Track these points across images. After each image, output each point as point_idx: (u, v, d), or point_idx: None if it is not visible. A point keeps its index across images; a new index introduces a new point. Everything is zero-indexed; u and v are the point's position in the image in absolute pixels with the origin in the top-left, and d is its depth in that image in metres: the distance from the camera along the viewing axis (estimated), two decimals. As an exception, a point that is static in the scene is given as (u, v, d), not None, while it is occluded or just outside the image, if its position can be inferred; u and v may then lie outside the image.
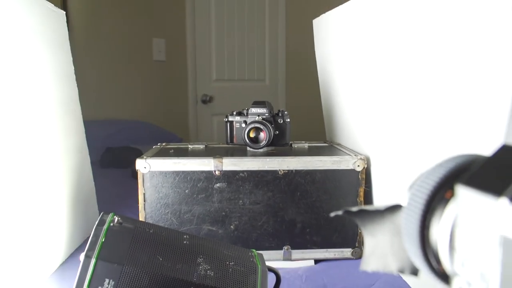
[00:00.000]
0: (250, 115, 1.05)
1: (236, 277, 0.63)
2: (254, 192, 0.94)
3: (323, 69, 1.29)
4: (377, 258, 0.30)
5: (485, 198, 0.18)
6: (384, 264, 0.30)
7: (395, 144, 0.87)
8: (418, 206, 0.24)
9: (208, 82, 2.94)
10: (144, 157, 0.94)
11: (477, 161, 0.23)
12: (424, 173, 0.25)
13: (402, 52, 0.78)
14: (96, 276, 0.57)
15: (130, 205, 1.32)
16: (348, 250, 0.98)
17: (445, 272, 0.23)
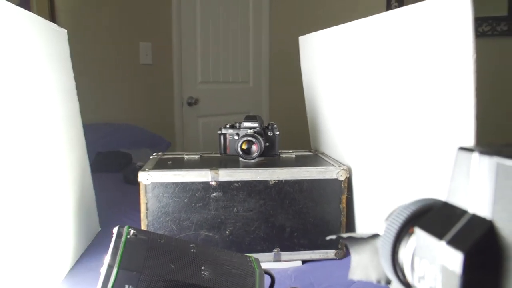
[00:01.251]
0: (242, 128, 1.14)
1: (237, 280, 0.72)
2: (247, 200, 1.03)
3: (308, 82, 1.39)
4: (360, 270, 0.40)
5: (432, 239, 0.27)
6: (366, 275, 0.40)
7: (374, 155, 0.98)
8: (390, 237, 0.34)
9: (194, 85, 3.01)
10: (146, 169, 1.02)
11: (434, 206, 0.33)
12: (395, 211, 0.35)
13: (379, 72, 0.88)
14: (117, 283, 0.65)
15: (126, 211, 1.40)
16: (332, 251, 1.08)
17: (409, 283, 0.33)
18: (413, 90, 0.76)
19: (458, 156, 0.29)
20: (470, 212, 0.27)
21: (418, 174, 0.80)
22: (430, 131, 0.73)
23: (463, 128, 0.62)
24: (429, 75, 0.70)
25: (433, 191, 0.75)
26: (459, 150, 0.29)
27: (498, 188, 0.25)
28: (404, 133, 0.82)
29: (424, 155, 0.76)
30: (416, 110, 0.76)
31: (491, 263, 0.25)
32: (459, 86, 0.61)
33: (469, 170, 0.27)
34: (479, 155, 0.27)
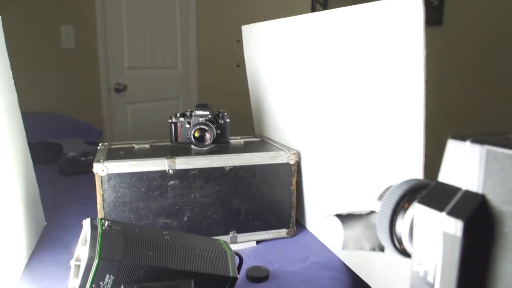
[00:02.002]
0: (194, 116, 1.16)
1: (211, 262, 0.76)
2: (204, 187, 1.07)
3: (252, 70, 1.44)
4: (353, 242, 0.46)
5: (433, 211, 0.34)
6: (360, 246, 0.46)
7: (321, 140, 1.06)
8: (387, 212, 0.40)
9: (121, 70, 2.91)
10: (101, 160, 1.01)
11: (422, 185, 0.39)
12: (389, 190, 0.41)
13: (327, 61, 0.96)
14: (98, 273, 0.66)
15: (68, 203, 1.36)
16: (284, 231, 1.15)
17: (405, 250, 0.39)
18: (360, 79, 0.84)
19: (450, 144, 0.35)
20: (463, 189, 0.34)
21: (363, 156, 0.89)
22: (376, 116, 0.81)
23: (411, 115, 0.71)
24: (376, 65, 0.79)
25: (377, 172, 0.84)
26: (450, 138, 0.35)
27: (488, 169, 0.32)
28: (351, 118, 0.90)
29: (370, 139, 0.85)
30: (362, 97, 0.85)
31: (485, 228, 0.32)
32: (407, 77, 0.70)
33: (461, 155, 0.34)
34: (471, 144, 0.33)
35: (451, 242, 0.32)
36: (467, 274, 0.32)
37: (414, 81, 0.68)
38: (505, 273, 0.31)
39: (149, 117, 3.12)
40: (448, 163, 0.36)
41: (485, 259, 0.32)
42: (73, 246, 1.05)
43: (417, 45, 0.66)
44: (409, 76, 0.69)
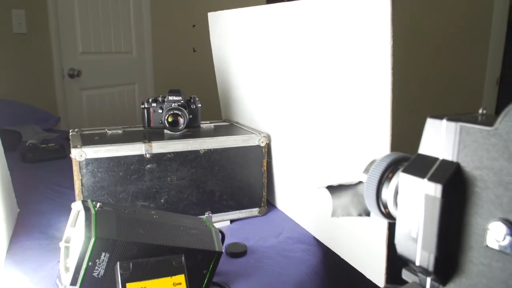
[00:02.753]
0: (167, 102, 1.19)
1: (198, 238, 0.81)
2: (180, 169, 1.11)
3: (219, 56, 1.47)
4: (341, 210, 0.53)
5: (416, 179, 0.41)
6: (347, 213, 0.53)
7: (290, 123, 1.12)
8: (374, 181, 0.47)
9: (74, 55, 2.84)
10: (78, 145, 1.02)
11: (402, 158, 0.47)
12: (375, 161, 0.48)
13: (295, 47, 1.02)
14: (95, 252, 0.69)
15: (38, 190, 1.35)
16: (256, 210, 1.22)
17: (389, 213, 0.46)
18: (329, 64, 0.91)
19: (428, 122, 0.42)
20: (441, 159, 0.41)
21: (331, 137, 0.97)
22: (344, 99, 0.89)
23: (377, 99, 0.79)
24: (344, 49, 0.86)
25: (344, 152, 0.92)
26: (429, 118, 0.42)
27: (461, 142, 0.39)
28: (319, 101, 0.97)
29: (338, 121, 0.92)
30: (331, 81, 0.92)
31: (459, 190, 0.39)
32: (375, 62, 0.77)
33: (438, 130, 0.41)
34: (447, 121, 0.41)
35: (432, 203, 0.40)
36: (445, 229, 0.40)
37: (381, 66, 0.75)
38: (476, 226, 0.38)
39: (105, 103, 3.07)
40: (427, 138, 0.43)
41: (460, 215, 0.39)
42: (49, 230, 1.07)
43: (385, 29, 0.73)
44: (376, 61, 0.77)
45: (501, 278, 0.37)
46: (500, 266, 0.37)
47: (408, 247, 0.43)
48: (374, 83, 0.79)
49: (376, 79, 0.78)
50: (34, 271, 0.89)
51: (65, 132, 2.16)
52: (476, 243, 0.39)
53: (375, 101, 0.79)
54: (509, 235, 0.36)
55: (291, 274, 0.94)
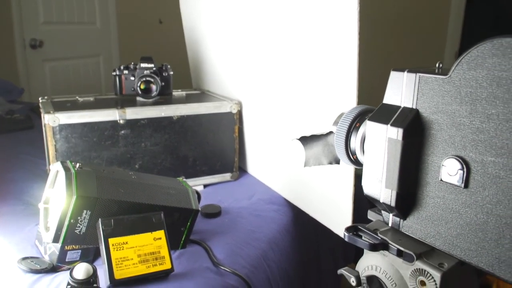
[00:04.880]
0: (139, 69, 1.19)
1: (175, 197, 0.85)
2: (153, 135, 1.13)
3: (189, 25, 1.48)
4: (313, 159, 0.58)
5: (380, 125, 0.46)
6: (319, 162, 0.58)
7: (261, 90, 1.16)
8: (343, 130, 0.51)
9: (36, 25, 2.74)
10: (51, 111, 1.02)
11: (368, 109, 0.51)
12: (344, 114, 0.52)
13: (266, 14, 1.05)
14: (76, 209, 0.72)
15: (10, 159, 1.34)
16: (228, 175, 1.26)
17: (357, 159, 0.51)
18: (297, 28, 0.95)
19: (392, 75, 0.47)
20: (402, 106, 0.46)
21: (300, 100, 1.01)
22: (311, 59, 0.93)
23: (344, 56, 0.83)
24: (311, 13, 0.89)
25: (314, 112, 0.96)
26: (392, 70, 0.47)
27: (420, 90, 0.44)
28: (288, 64, 1.01)
29: (306, 83, 0.96)
30: (300, 40, 0.95)
31: (418, 133, 0.44)
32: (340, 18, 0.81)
33: (400, 81, 0.46)
34: (407, 73, 0.45)
35: (394, 145, 0.45)
36: (406, 168, 0.45)
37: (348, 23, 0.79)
38: (432, 164, 0.44)
39: (69, 75, 3.00)
40: (390, 88, 0.47)
41: (418, 155, 0.45)
42: (23, 197, 1.08)
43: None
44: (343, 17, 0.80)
45: (453, 208, 0.43)
46: (453, 198, 0.42)
47: (374, 187, 0.48)
48: (341, 40, 0.82)
49: (344, 36, 0.82)
50: (12, 234, 0.90)
51: (29, 104, 2.11)
52: (432, 178, 0.44)
53: (342, 58, 0.84)
54: (461, 169, 0.41)
55: (264, 231, 0.99)
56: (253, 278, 0.84)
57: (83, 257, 0.80)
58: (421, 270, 0.44)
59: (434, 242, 0.45)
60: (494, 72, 0.38)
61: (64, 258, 0.79)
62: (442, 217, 0.44)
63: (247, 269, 0.84)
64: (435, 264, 0.44)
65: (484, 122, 0.39)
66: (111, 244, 0.72)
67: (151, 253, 0.75)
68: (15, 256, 0.80)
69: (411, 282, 0.45)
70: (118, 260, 0.71)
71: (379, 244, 0.47)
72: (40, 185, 0.85)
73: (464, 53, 0.41)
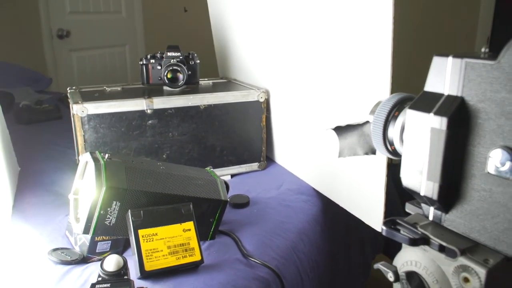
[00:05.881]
0: (165, 58, 1.19)
1: (204, 188, 0.84)
2: (181, 125, 1.12)
3: (216, 12, 1.46)
4: (348, 150, 0.56)
5: (422, 114, 0.43)
6: (354, 152, 0.55)
7: (289, 79, 1.13)
8: (381, 119, 0.49)
9: (62, 15, 2.77)
10: (79, 101, 1.03)
11: (407, 97, 0.49)
12: (381, 102, 0.50)
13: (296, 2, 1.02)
14: (106, 200, 0.72)
15: (39, 149, 1.36)
16: (256, 164, 1.25)
17: (395, 150, 0.49)
18: (331, 15, 0.91)
19: (435, 60, 0.44)
20: (446, 94, 0.43)
21: (329, 89, 0.98)
22: (343, 46, 0.90)
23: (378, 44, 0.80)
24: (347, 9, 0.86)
25: (344, 101, 0.94)
26: (435, 56, 0.44)
27: (466, 77, 0.41)
28: (318, 52, 0.98)
29: (336, 71, 0.93)
30: (330, 27, 0.92)
31: (463, 122, 0.41)
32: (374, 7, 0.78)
33: (444, 68, 0.43)
34: (453, 58, 0.42)
35: (437, 135, 0.42)
36: (450, 159, 0.42)
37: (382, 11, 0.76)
38: (478, 155, 0.41)
39: (95, 65, 3.03)
40: (433, 75, 0.45)
41: (463, 146, 0.42)
42: (53, 187, 1.09)
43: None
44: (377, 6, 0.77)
45: (501, 201, 0.40)
46: (501, 191, 0.40)
47: (414, 179, 0.45)
48: (375, 26, 0.79)
49: (377, 21, 0.78)
50: (43, 225, 0.92)
51: (57, 94, 2.14)
52: (478, 170, 0.41)
53: (375, 44, 0.80)
54: (510, 160, 0.38)
55: (293, 222, 0.97)
56: (283, 269, 0.82)
57: (113, 248, 0.81)
58: (465, 266, 0.42)
59: (478, 237, 0.43)
60: (549, 57, 0.35)
61: (95, 249, 0.79)
62: (489, 211, 0.42)
63: (277, 261, 0.83)
64: (479, 260, 0.41)
65: (538, 111, 0.36)
66: (141, 235, 0.72)
67: (181, 244, 0.74)
68: (46, 247, 0.81)
69: (453, 279, 0.43)
70: (148, 251, 0.71)
71: (419, 239, 0.45)
72: (70, 176, 0.86)
73: (516, 37, 0.38)
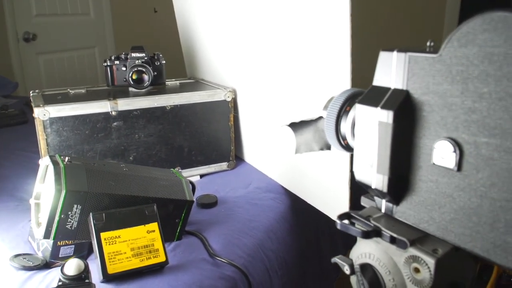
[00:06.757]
0: (130, 59, 1.17)
1: (168, 189, 0.83)
2: (147, 126, 1.11)
3: (181, 13, 1.45)
4: (304, 146, 0.56)
5: (370, 108, 0.44)
6: (310, 148, 0.56)
7: (255, 78, 1.14)
8: (333, 115, 0.50)
9: (29, 18, 2.71)
10: (40, 105, 1.01)
11: (359, 92, 0.49)
12: (333, 98, 0.51)
13: (261, 6, 1.02)
14: (66, 204, 0.70)
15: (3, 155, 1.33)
16: (225, 164, 1.24)
17: (348, 144, 0.49)
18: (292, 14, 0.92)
19: (381, 55, 0.45)
20: (392, 88, 0.44)
21: (294, 86, 0.99)
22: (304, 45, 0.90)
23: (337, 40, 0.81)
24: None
25: (308, 97, 0.95)
26: (381, 51, 0.45)
27: (410, 70, 0.42)
28: (281, 51, 0.99)
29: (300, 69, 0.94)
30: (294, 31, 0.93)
31: (409, 115, 0.42)
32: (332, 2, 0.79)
33: (390, 62, 0.44)
34: (397, 52, 0.43)
35: (384, 128, 0.43)
36: (397, 152, 0.43)
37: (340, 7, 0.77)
38: (424, 147, 0.42)
39: (64, 68, 2.97)
40: (380, 70, 0.45)
41: (410, 138, 0.43)
42: (17, 193, 1.07)
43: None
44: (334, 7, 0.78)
45: (446, 192, 0.41)
46: (446, 181, 0.41)
47: (365, 173, 0.46)
48: (333, 23, 0.80)
49: (335, 18, 0.79)
50: (6, 231, 0.89)
51: (23, 98, 2.09)
52: (424, 162, 0.42)
53: (334, 41, 0.81)
54: (453, 152, 0.39)
55: (261, 220, 0.98)
56: (250, 268, 0.83)
57: (76, 252, 0.79)
58: (415, 256, 0.43)
59: (427, 228, 0.44)
60: (486, 49, 0.36)
61: (57, 254, 0.78)
62: (436, 202, 0.43)
63: (244, 259, 0.83)
64: (429, 250, 0.42)
65: (477, 102, 0.37)
66: (103, 238, 0.71)
67: (145, 246, 0.74)
68: (8, 254, 0.79)
69: (405, 269, 0.44)
70: (111, 254, 0.70)
71: (372, 231, 0.45)
72: (34, 181, 0.84)
73: (454, 30, 0.39)
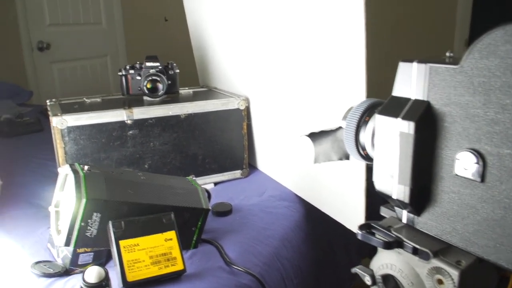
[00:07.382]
0: (144, 68, 1.19)
1: (185, 197, 0.84)
2: (162, 135, 1.12)
3: (194, 21, 1.47)
4: (323, 155, 0.57)
5: (391, 119, 0.44)
6: (328, 158, 0.56)
7: (269, 86, 1.15)
8: (353, 125, 0.50)
9: (42, 28, 2.76)
10: (58, 114, 1.02)
11: (378, 102, 0.50)
12: (352, 108, 0.51)
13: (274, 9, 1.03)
14: (86, 212, 0.71)
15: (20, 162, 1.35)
16: (238, 172, 1.25)
17: (367, 155, 0.50)
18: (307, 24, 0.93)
19: (401, 66, 0.45)
20: (413, 99, 0.44)
21: (308, 95, 1.00)
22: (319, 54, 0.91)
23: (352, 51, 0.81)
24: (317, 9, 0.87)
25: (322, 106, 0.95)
26: (401, 62, 0.45)
27: (431, 81, 0.43)
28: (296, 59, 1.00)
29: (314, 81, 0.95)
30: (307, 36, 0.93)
31: (430, 126, 0.43)
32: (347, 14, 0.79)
33: (410, 73, 0.44)
34: (417, 63, 0.44)
35: (406, 139, 0.43)
36: (419, 162, 0.43)
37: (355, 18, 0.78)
38: (446, 157, 0.42)
39: (77, 76, 3.01)
40: (400, 81, 0.46)
41: (431, 149, 0.43)
42: (34, 200, 1.08)
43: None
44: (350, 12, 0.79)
45: (469, 203, 0.41)
46: (468, 192, 0.41)
47: (386, 183, 0.47)
48: (348, 33, 0.81)
49: (350, 28, 0.80)
50: (25, 237, 0.91)
51: (38, 106, 2.12)
52: (446, 173, 0.42)
53: (349, 51, 0.82)
54: (476, 163, 0.40)
55: (275, 228, 0.98)
56: (266, 276, 0.83)
57: (95, 260, 0.80)
58: (438, 268, 0.43)
59: (450, 239, 0.44)
60: (507, 60, 0.36)
61: (77, 261, 0.79)
62: (458, 213, 0.43)
63: (260, 268, 0.84)
64: (452, 262, 0.42)
65: (499, 113, 0.37)
66: (123, 246, 0.72)
67: (163, 254, 0.74)
68: (28, 260, 0.80)
69: (428, 281, 0.44)
70: (130, 262, 0.71)
71: (393, 242, 0.46)
72: (51, 188, 0.85)
73: (475, 41, 0.39)
